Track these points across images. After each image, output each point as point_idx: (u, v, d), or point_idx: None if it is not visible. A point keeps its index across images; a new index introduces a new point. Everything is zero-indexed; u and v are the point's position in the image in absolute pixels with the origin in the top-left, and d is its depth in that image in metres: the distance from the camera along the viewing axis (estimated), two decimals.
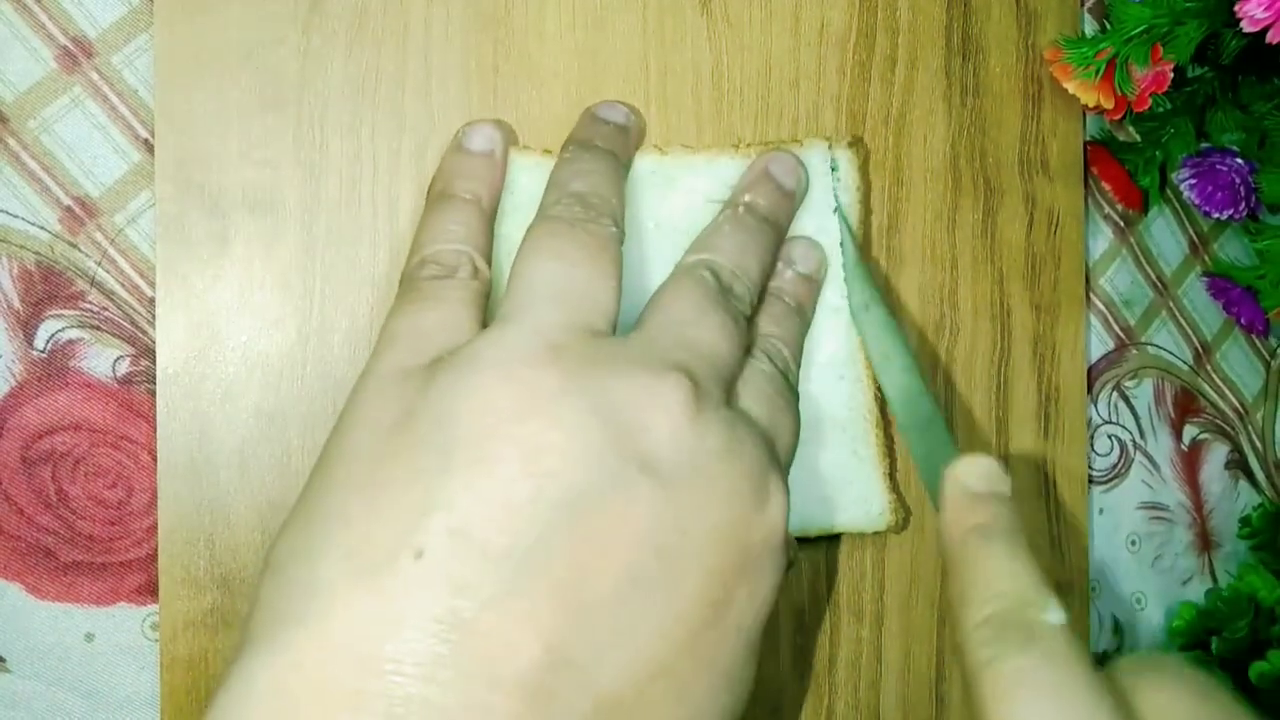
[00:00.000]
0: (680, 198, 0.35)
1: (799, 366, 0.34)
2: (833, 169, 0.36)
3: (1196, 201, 0.44)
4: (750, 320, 0.32)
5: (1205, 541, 0.48)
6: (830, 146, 0.36)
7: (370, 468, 0.25)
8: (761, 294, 0.33)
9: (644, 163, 0.35)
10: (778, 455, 0.29)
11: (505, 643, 0.23)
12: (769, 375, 0.31)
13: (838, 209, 0.36)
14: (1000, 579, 0.26)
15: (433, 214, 0.32)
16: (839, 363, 0.36)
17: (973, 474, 0.29)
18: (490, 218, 0.33)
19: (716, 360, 0.29)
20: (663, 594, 0.24)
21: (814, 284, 0.36)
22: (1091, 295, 0.45)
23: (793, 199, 0.36)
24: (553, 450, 0.24)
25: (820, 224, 0.36)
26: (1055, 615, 0.25)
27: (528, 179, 0.33)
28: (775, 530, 0.27)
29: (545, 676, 0.23)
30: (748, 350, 0.31)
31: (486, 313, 0.30)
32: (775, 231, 0.34)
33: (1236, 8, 0.35)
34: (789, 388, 0.32)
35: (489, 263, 0.31)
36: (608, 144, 0.34)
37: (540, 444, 0.24)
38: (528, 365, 0.26)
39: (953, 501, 0.29)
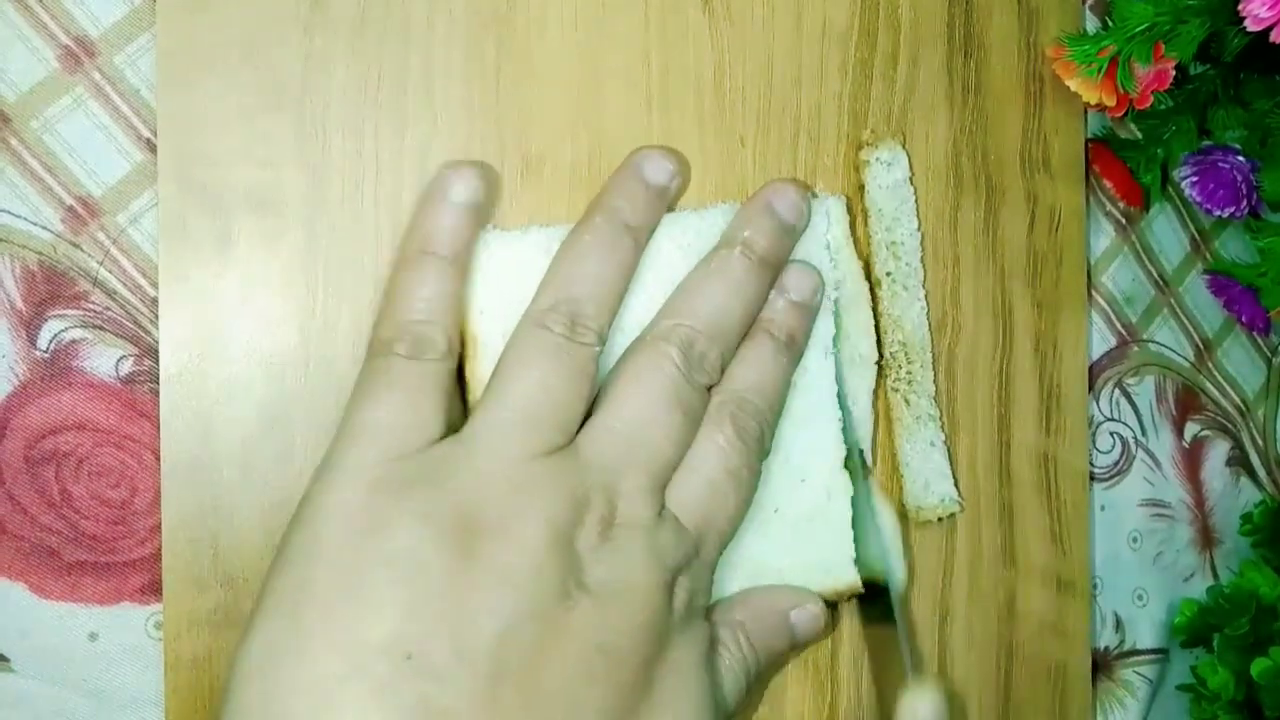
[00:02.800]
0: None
1: (779, 411, 0.34)
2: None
3: (1198, 199, 0.44)
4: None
5: (1207, 538, 0.48)
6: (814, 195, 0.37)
7: (349, 570, 0.27)
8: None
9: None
10: (700, 549, 0.32)
11: None
12: (723, 452, 0.32)
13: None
14: None
15: (407, 274, 0.31)
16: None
17: (925, 709, 0.34)
18: (467, 272, 0.32)
19: (652, 468, 0.31)
20: (604, 683, 0.28)
21: (809, 312, 0.35)
22: (1093, 293, 0.45)
23: (794, 235, 0.35)
24: (507, 565, 0.28)
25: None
26: None
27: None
28: (682, 616, 0.30)
29: None
30: (709, 409, 0.32)
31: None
32: (770, 272, 0.34)
33: (1240, 7, 0.35)
34: (747, 458, 0.33)
35: (460, 332, 0.32)
36: (640, 218, 0.33)
37: (496, 559, 0.28)
38: (488, 491, 0.29)
39: None
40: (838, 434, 0.36)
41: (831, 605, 0.36)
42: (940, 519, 0.39)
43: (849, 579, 0.36)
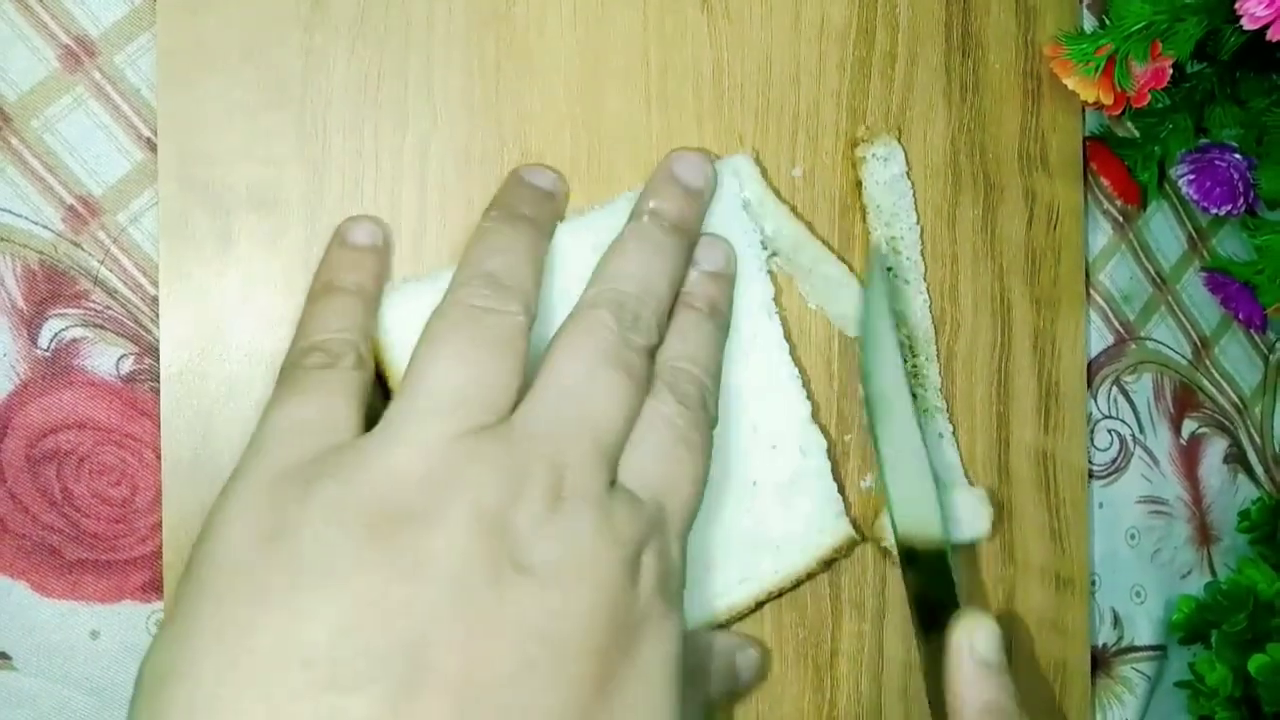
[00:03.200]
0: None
1: (718, 377, 0.34)
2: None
3: (1195, 197, 0.44)
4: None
5: (1204, 535, 0.48)
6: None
7: (248, 579, 0.25)
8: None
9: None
10: (663, 520, 0.29)
11: None
12: (668, 419, 0.30)
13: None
14: None
15: (316, 305, 0.31)
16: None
17: (984, 640, 0.32)
18: (374, 308, 0.32)
19: (598, 434, 0.29)
20: (549, 679, 0.25)
21: (725, 280, 0.35)
22: (1091, 290, 0.45)
23: (701, 199, 0.35)
24: (429, 554, 0.25)
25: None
26: None
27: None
28: (651, 602, 0.28)
29: None
30: (651, 384, 0.31)
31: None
32: (685, 238, 0.34)
33: (1237, 5, 0.35)
34: (694, 422, 0.31)
35: (373, 357, 0.31)
36: (533, 210, 0.33)
37: (417, 550, 0.25)
38: (405, 481, 0.26)
39: (965, 669, 0.32)
40: (799, 391, 0.36)
41: (827, 565, 0.36)
42: None
43: (844, 531, 0.36)
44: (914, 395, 0.38)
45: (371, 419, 0.28)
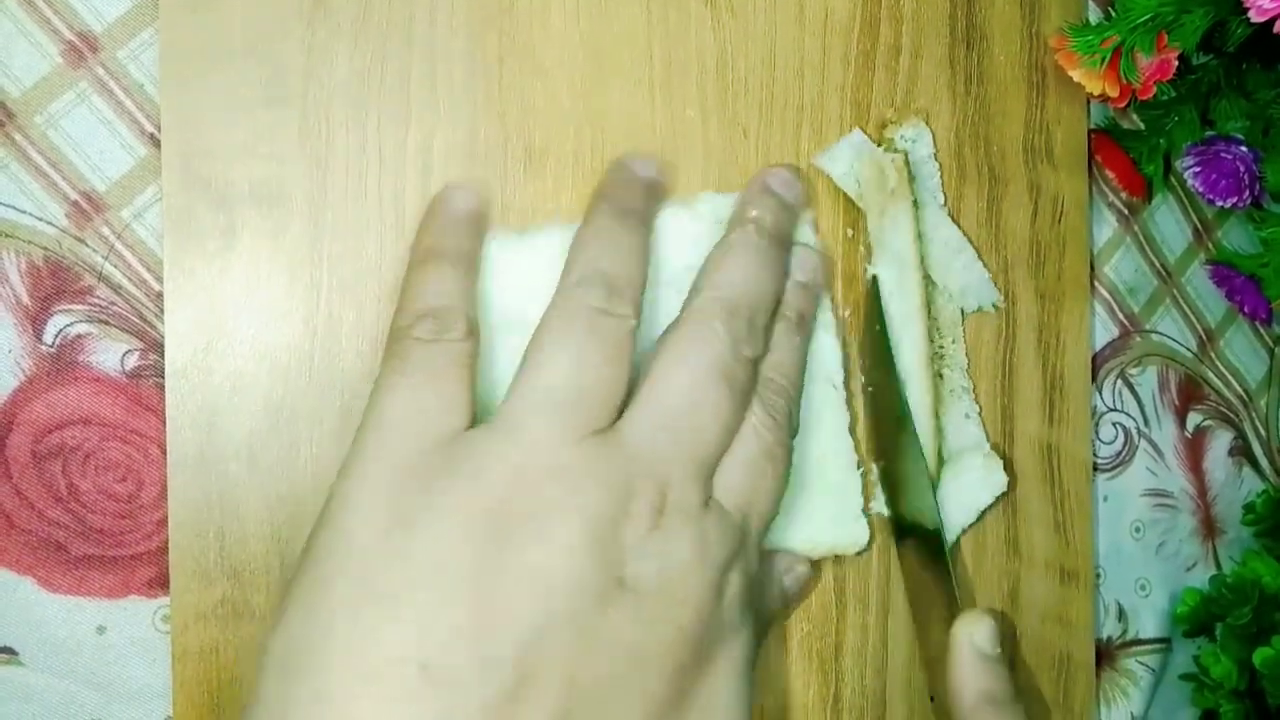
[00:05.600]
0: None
1: (801, 388, 0.34)
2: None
3: (1200, 189, 0.44)
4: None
5: (1209, 528, 0.48)
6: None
7: (372, 570, 0.26)
8: None
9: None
10: (747, 534, 0.30)
11: None
12: (759, 436, 0.31)
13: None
14: None
15: (420, 273, 0.31)
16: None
17: (982, 635, 0.33)
18: (476, 275, 0.32)
19: (701, 450, 0.29)
20: (634, 693, 0.26)
21: (813, 292, 0.35)
22: (1096, 283, 0.45)
23: (794, 212, 0.36)
24: (542, 563, 0.26)
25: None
26: None
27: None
28: (730, 617, 0.29)
29: None
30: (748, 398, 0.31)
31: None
32: (783, 250, 0.34)
33: None
34: (780, 437, 0.32)
35: (478, 320, 0.31)
36: (642, 204, 0.33)
37: (531, 557, 0.26)
38: (522, 483, 0.27)
39: (965, 661, 0.33)
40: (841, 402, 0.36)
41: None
42: None
43: (862, 534, 0.37)
44: (940, 375, 0.38)
45: None
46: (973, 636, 0.34)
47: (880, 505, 0.38)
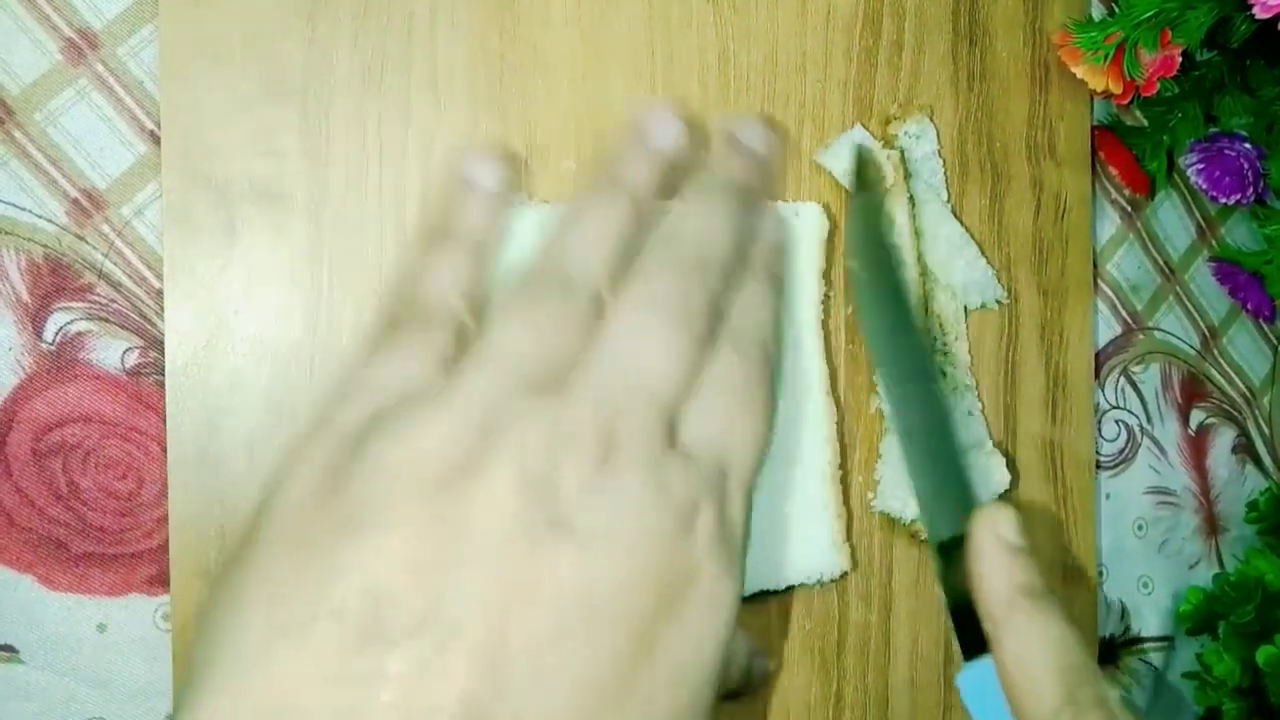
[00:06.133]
0: None
1: (779, 337, 0.32)
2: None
3: (1204, 186, 0.44)
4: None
5: (1212, 526, 0.48)
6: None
7: (297, 526, 0.25)
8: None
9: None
10: (723, 479, 0.28)
11: (422, 700, 0.23)
12: (728, 375, 0.29)
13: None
14: (1065, 651, 0.30)
15: (424, 255, 0.30)
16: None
17: (1007, 526, 0.32)
18: (489, 260, 0.31)
19: (654, 394, 0.28)
20: (584, 645, 0.24)
21: (778, 248, 0.34)
22: (1099, 280, 0.45)
23: (765, 166, 0.34)
24: (469, 513, 0.25)
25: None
26: (1112, 689, 0.29)
27: None
28: (703, 563, 0.27)
29: None
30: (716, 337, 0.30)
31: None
32: (746, 203, 0.33)
33: None
34: (754, 377, 0.30)
35: (472, 314, 0.30)
36: (645, 178, 0.32)
37: (458, 508, 0.25)
38: (455, 437, 0.26)
39: (991, 552, 0.31)
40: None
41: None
42: None
43: (843, 562, 0.36)
44: (943, 373, 0.38)
45: None
46: (996, 528, 0.32)
47: (881, 503, 0.38)
